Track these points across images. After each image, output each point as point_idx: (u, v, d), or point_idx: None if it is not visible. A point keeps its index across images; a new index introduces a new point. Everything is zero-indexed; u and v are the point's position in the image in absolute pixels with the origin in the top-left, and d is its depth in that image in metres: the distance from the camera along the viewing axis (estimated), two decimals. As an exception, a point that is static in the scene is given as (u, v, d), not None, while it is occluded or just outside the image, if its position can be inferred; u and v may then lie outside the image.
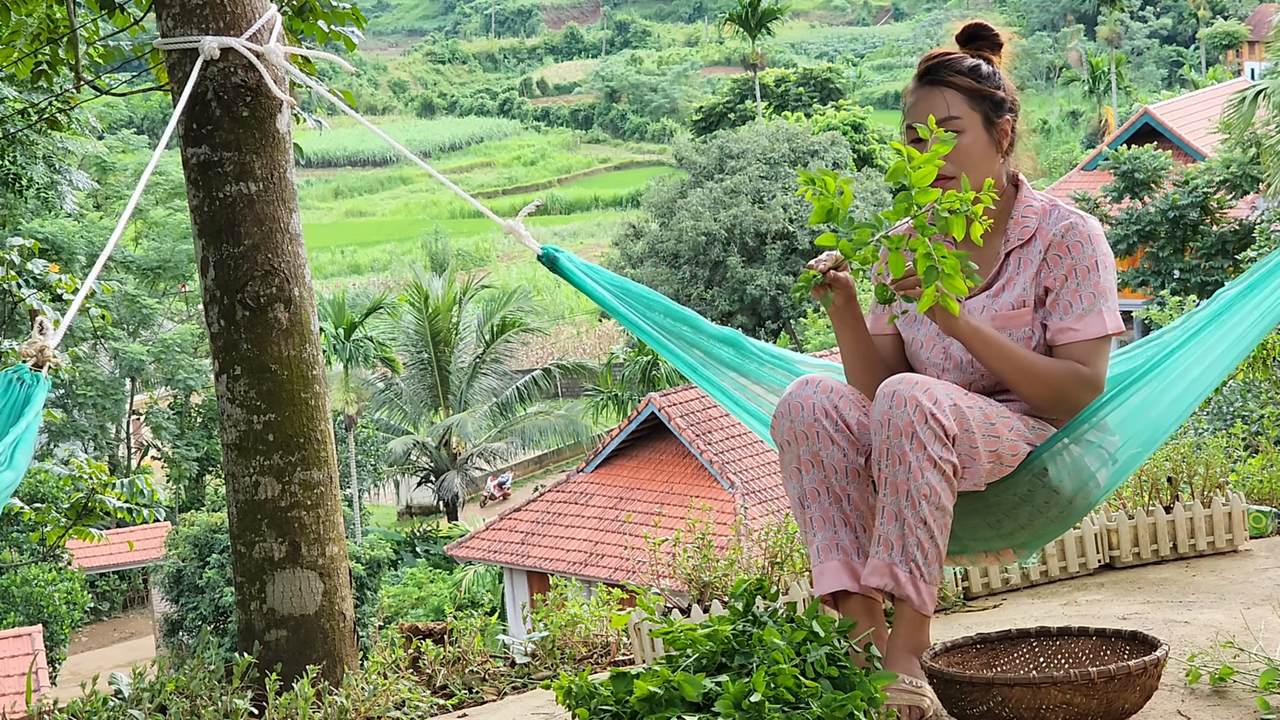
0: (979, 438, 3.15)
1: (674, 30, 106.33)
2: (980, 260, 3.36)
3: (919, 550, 3.10)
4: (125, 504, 7.61)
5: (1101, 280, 3.26)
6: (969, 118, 3.29)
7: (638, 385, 32.38)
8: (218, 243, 4.36)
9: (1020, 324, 3.29)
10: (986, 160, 3.31)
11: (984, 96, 3.31)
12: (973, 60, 3.35)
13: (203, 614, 24.15)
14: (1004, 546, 3.47)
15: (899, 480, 3.10)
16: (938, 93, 3.30)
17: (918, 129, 3.13)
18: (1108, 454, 3.31)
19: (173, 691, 4.02)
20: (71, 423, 29.63)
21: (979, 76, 3.32)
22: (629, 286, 3.79)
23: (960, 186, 3.24)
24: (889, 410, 3.11)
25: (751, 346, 3.77)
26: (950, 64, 3.34)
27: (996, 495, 3.27)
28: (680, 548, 4.45)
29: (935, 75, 3.32)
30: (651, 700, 2.80)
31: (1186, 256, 27.46)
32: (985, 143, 3.30)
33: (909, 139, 3.30)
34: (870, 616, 3.19)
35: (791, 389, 3.30)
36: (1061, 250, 3.28)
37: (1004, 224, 3.36)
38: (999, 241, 3.36)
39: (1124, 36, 72.89)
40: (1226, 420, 11.57)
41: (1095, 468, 3.30)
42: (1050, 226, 3.32)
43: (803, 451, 3.24)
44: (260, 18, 4.30)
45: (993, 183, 3.16)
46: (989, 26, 3.42)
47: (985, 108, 3.30)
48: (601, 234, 58.84)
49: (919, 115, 3.28)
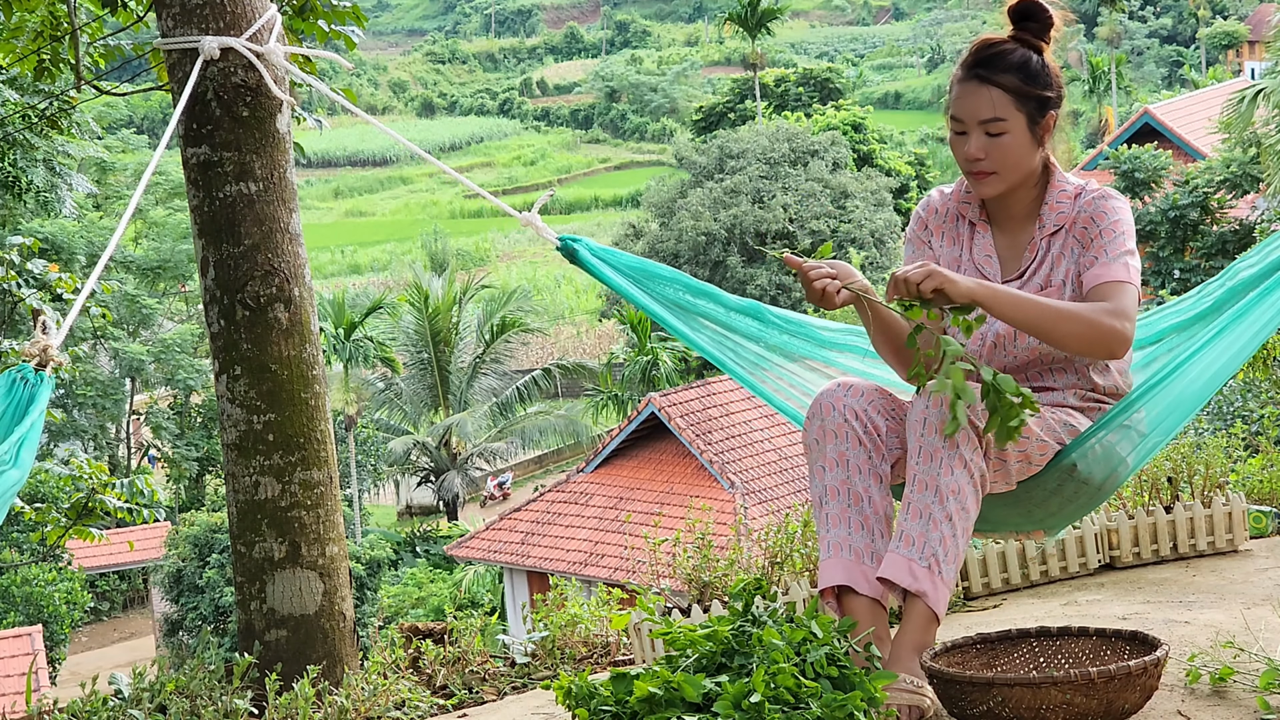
0: None
1: (674, 30, 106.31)
2: (1014, 246, 3.39)
3: (940, 547, 3.10)
4: (125, 504, 7.61)
5: (1126, 242, 3.26)
6: (1014, 119, 3.26)
7: (638, 385, 32.39)
8: (218, 243, 4.36)
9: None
10: (1027, 157, 3.30)
11: (1031, 97, 3.27)
12: (1022, 54, 3.28)
13: (203, 614, 24.14)
14: (1034, 529, 3.52)
15: (928, 477, 3.11)
16: (984, 91, 3.26)
17: (964, 123, 3.19)
18: (1137, 434, 3.32)
19: (173, 691, 4.02)
20: (71, 423, 29.62)
21: (1028, 75, 3.27)
22: (649, 267, 3.77)
23: (1001, 181, 3.29)
24: (926, 410, 3.14)
25: (772, 315, 3.77)
26: (1000, 60, 3.27)
27: (1027, 492, 3.31)
28: (680, 548, 4.45)
29: (984, 71, 3.27)
30: (651, 700, 2.80)
31: (1187, 256, 27.45)
32: (1028, 141, 3.28)
33: (953, 130, 3.31)
34: (874, 618, 3.18)
35: (824, 390, 3.32)
36: (1086, 222, 3.30)
37: (1038, 211, 3.37)
38: (1033, 228, 3.37)
39: (1124, 36, 72.93)
40: (1226, 420, 11.58)
41: (1126, 452, 3.31)
42: (1079, 207, 3.33)
43: (830, 450, 3.26)
44: (260, 18, 4.30)
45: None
46: (1041, 5, 3.33)
47: (1031, 108, 3.27)
48: (601, 234, 58.76)
49: (964, 110, 3.28)
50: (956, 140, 3.32)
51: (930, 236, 3.48)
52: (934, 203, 3.50)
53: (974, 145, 3.27)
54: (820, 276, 3.23)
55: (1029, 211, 3.38)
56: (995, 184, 3.30)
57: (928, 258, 3.46)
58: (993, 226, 3.42)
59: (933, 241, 3.48)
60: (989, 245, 3.40)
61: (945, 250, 3.45)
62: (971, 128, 3.27)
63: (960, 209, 3.46)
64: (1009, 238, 3.40)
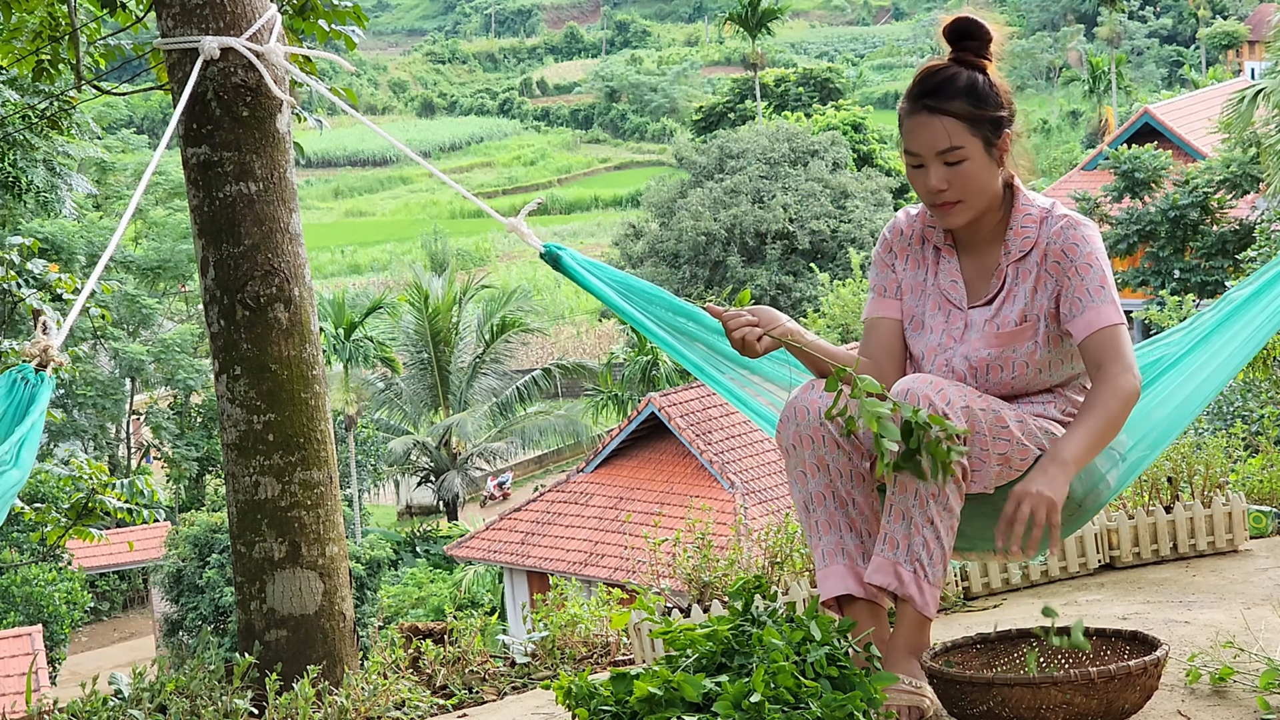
0: (989, 440, 3.13)
1: (674, 30, 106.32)
2: (981, 271, 3.34)
3: (924, 549, 3.10)
4: (125, 504, 7.62)
5: (1105, 275, 3.23)
6: (970, 145, 3.21)
7: (638, 385, 32.39)
8: (218, 243, 4.36)
9: (1023, 339, 3.26)
10: (990, 180, 3.26)
11: (983, 120, 3.22)
12: (968, 77, 3.23)
13: (203, 614, 24.15)
14: (1014, 544, 3.46)
15: (907, 479, 3.09)
16: (936, 121, 3.20)
17: (921, 157, 3.17)
18: (1118, 455, 3.30)
19: (173, 691, 4.02)
20: (71, 423, 29.62)
21: (977, 99, 3.22)
22: (631, 282, 3.79)
23: (967, 209, 3.25)
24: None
25: None
26: (946, 86, 3.22)
27: (1005, 499, 3.26)
28: (680, 548, 4.46)
29: (932, 101, 3.22)
30: (651, 700, 2.80)
31: (1187, 256, 27.47)
32: (987, 165, 3.24)
33: (910, 164, 3.26)
34: (874, 620, 3.18)
35: (796, 393, 3.28)
36: (1059, 255, 3.24)
37: (1003, 235, 3.32)
38: (999, 253, 3.32)
39: (1124, 36, 72.91)
40: (1226, 420, 11.58)
41: (1105, 469, 3.29)
42: (1046, 234, 3.27)
43: (808, 455, 3.23)
44: (260, 17, 4.30)
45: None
46: (976, 22, 3.28)
47: (985, 130, 3.22)
48: (601, 234, 58.84)
49: (918, 144, 3.22)
50: (915, 174, 3.26)
51: (894, 259, 3.42)
52: (899, 224, 3.45)
53: (934, 178, 3.21)
54: (740, 325, 3.23)
55: (994, 235, 3.32)
56: (962, 212, 3.25)
57: (890, 282, 3.42)
58: (958, 251, 3.37)
59: (896, 265, 3.42)
60: (954, 270, 3.35)
61: (909, 274, 3.40)
62: (929, 160, 3.22)
63: (925, 232, 3.40)
64: (975, 262, 3.34)
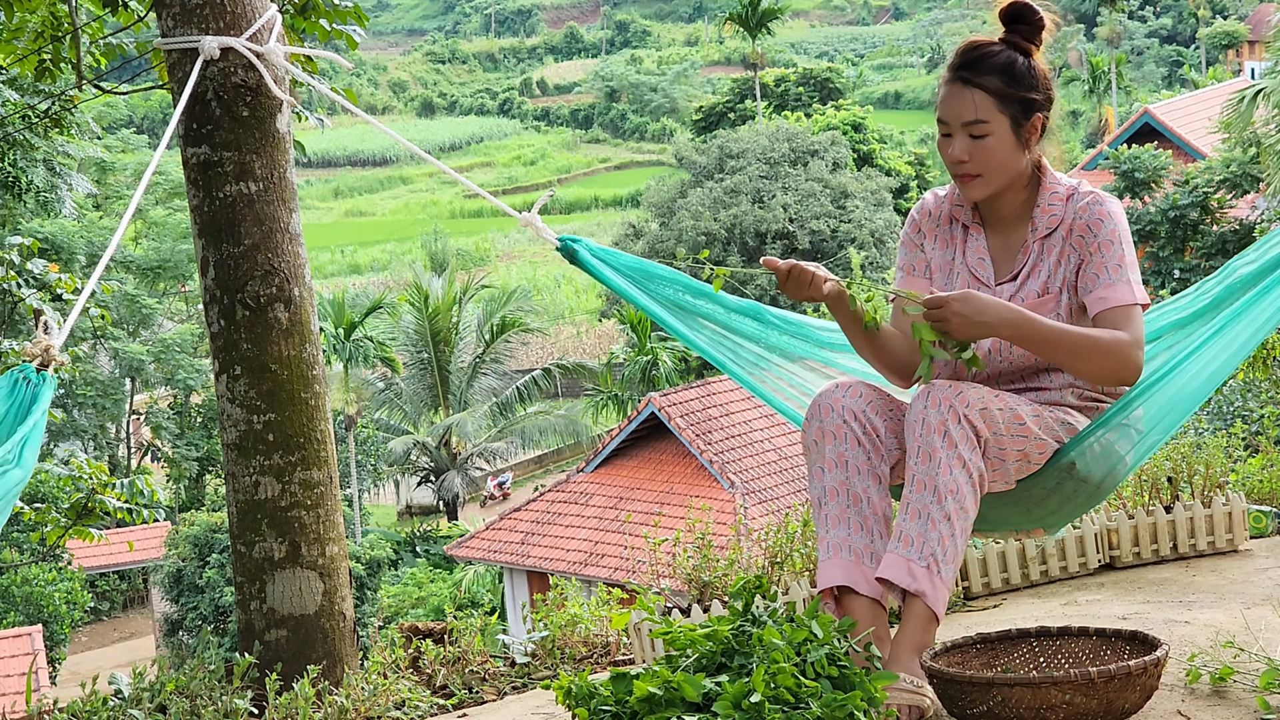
0: (1007, 439, 3.19)
1: (674, 30, 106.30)
2: (1007, 248, 3.39)
3: (939, 546, 3.11)
4: (125, 504, 7.61)
5: (1125, 254, 3.26)
6: (996, 121, 3.27)
7: (638, 385, 32.39)
8: (218, 243, 4.36)
9: (1045, 312, 3.30)
10: (1012, 159, 3.31)
11: (1014, 100, 3.28)
12: (1007, 56, 3.29)
13: (203, 614, 24.15)
14: (1033, 527, 3.52)
15: (927, 477, 3.12)
16: (967, 93, 3.27)
17: (949, 125, 3.26)
18: (1135, 432, 3.32)
19: (173, 691, 4.02)
20: (71, 423, 29.62)
21: (1011, 77, 3.28)
22: (649, 268, 3.79)
23: (986, 184, 3.30)
24: (924, 410, 3.15)
25: (772, 316, 3.79)
26: (983, 62, 3.29)
27: (1026, 490, 3.30)
28: (680, 548, 4.46)
29: (967, 73, 3.29)
30: (651, 700, 2.80)
31: (1187, 256, 27.43)
32: (1012, 144, 3.29)
33: (940, 132, 3.33)
34: (874, 618, 3.19)
35: (823, 391, 3.33)
36: (1083, 230, 3.30)
37: (1030, 213, 3.37)
38: (1026, 230, 3.37)
39: (1124, 36, 72.90)
40: (1226, 420, 11.58)
41: (1124, 450, 3.32)
42: (1072, 210, 3.33)
43: (829, 451, 3.26)
44: (260, 17, 4.30)
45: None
46: (1031, 7, 3.34)
47: (1014, 110, 3.28)
48: (601, 234, 58.76)
49: (948, 112, 3.30)
50: (943, 142, 3.33)
51: (923, 239, 3.49)
52: (927, 205, 3.51)
53: (958, 148, 3.29)
54: (802, 270, 3.32)
55: (1021, 214, 3.38)
56: (980, 187, 3.31)
57: (919, 261, 3.48)
58: (985, 229, 3.43)
59: (925, 244, 3.48)
60: (981, 248, 3.41)
61: (938, 253, 3.46)
62: (955, 130, 3.29)
63: (953, 211, 3.46)
64: (1002, 240, 3.40)
